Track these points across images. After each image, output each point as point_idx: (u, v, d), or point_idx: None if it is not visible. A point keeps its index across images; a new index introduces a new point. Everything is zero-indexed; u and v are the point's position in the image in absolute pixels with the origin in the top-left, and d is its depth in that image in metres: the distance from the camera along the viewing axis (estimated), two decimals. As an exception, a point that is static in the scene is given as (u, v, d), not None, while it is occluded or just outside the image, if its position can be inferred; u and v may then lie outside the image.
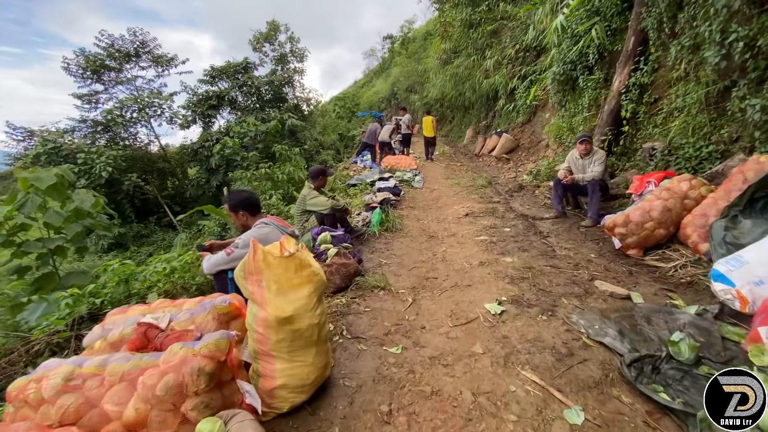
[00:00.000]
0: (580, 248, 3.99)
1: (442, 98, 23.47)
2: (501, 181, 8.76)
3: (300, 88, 20.18)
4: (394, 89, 36.26)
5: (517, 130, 12.06)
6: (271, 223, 2.48)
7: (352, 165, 12.91)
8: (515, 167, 10.29)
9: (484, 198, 6.59)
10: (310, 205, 4.02)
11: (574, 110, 8.41)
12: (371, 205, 5.17)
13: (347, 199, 6.48)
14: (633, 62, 6.36)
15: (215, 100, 16.93)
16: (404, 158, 10.69)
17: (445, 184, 8.28)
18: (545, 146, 10.24)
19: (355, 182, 8.24)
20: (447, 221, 5.31)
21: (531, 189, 7.22)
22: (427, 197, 7.07)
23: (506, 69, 12.91)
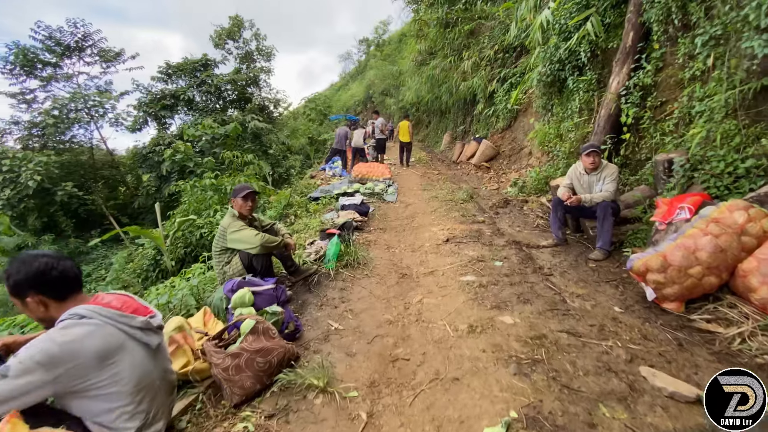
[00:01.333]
0: (596, 295, 3.02)
1: (418, 102, 22.66)
2: (483, 193, 7.84)
3: (267, 88, 18.83)
4: (369, 92, 35.37)
5: (497, 136, 11.26)
6: (101, 312, 1.33)
7: (319, 173, 11.75)
8: (497, 177, 9.43)
9: (467, 216, 5.60)
10: (232, 241, 2.88)
11: (562, 115, 7.61)
12: (328, 231, 4.06)
13: (295, 225, 5.32)
14: (633, 60, 5.57)
15: (169, 100, 15.32)
16: (377, 166, 9.64)
17: (422, 197, 7.26)
18: (528, 154, 9.44)
19: (319, 195, 7.10)
20: (424, 250, 4.26)
21: (518, 204, 6.30)
22: (401, 214, 6.02)
23: (485, 71, 12.12)
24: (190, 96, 15.09)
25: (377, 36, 34.46)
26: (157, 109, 15.20)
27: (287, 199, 6.33)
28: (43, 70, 14.74)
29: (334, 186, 8.61)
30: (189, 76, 15.99)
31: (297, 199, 6.69)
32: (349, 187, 8.00)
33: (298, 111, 22.65)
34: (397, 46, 30.23)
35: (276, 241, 2.91)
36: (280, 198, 6.43)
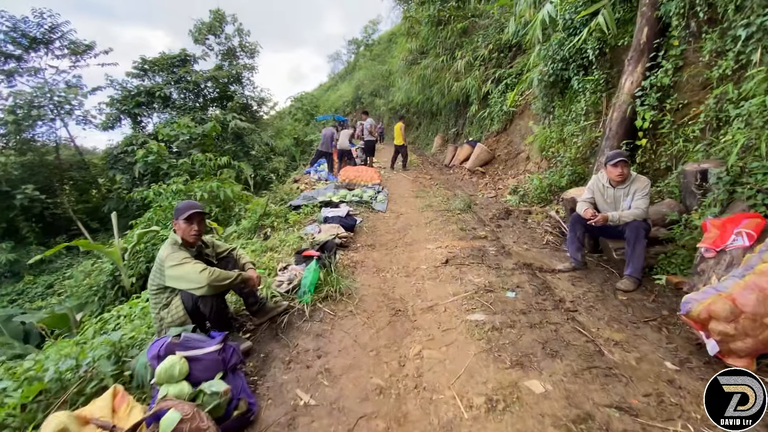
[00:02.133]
0: (637, 342, 2.41)
1: (408, 103, 22.07)
2: (480, 201, 7.24)
3: (250, 86, 17.96)
4: (358, 93, 34.68)
5: (492, 139, 10.71)
6: None
7: (304, 176, 11.01)
8: (492, 183, 8.86)
9: (466, 230, 4.97)
10: (171, 278, 2.17)
11: (564, 118, 7.07)
12: (305, 253, 3.37)
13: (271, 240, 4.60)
14: (648, 58, 5.04)
15: (144, 97, 14.36)
16: (365, 170, 8.98)
17: (415, 206, 6.62)
18: (525, 159, 8.90)
19: (301, 203, 6.38)
20: (420, 274, 3.61)
21: (521, 216, 5.71)
22: (392, 227, 5.35)
23: (479, 71, 11.58)
24: (167, 93, 14.15)
25: (366, 35, 33.81)
26: (131, 107, 14.21)
27: (263, 208, 5.60)
28: (6, 62, 13.64)
29: (318, 192, 7.91)
30: (166, 72, 15.05)
31: (275, 208, 5.97)
32: (334, 194, 7.32)
33: (285, 111, 21.80)
34: (387, 45, 29.65)
35: (230, 278, 2.21)
36: (255, 207, 5.71)
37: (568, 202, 4.12)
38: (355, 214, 5.62)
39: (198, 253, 2.42)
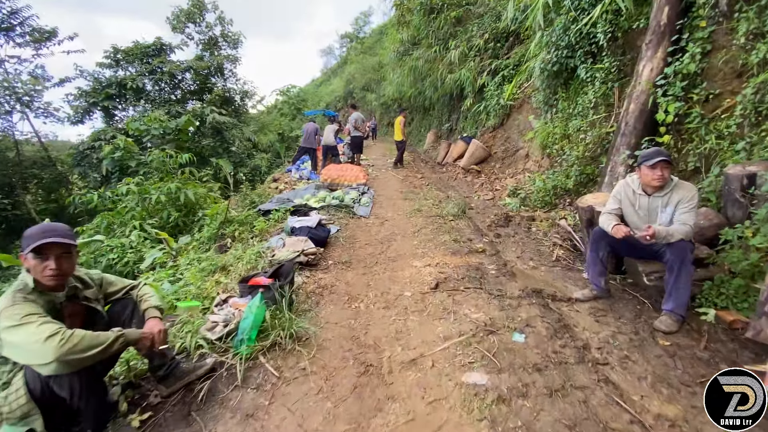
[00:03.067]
0: (700, 424, 1.68)
1: (400, 97, 21.26)
2: (476, 204, 6.50)
3: (233, 78, 16.97)
4: (349, 87, 33.73)
5: (488, 135, 9.98)
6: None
7: (284, 175, 10.19)
8: (489, 183, 8.14)
9: (461, 241, 4.23)
10: (8, 347, 1.40)
11: (569, 111, 6.36)
12: (251, 282, 2.58)
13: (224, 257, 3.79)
14: (669, 42, 4.34)
15: (115, 89, 13.35)
16: (350, 169, 8.19)
17: (402, 210, 5.86)
18: (524, 157, 8.20)
19: (273, 207, 5.58)
20: (402, 304, 2.86)
21: (523, 223, 4.98)
22: (375, 236, 4.59)
23: (473, 62, 10.83)
24: (139, 85, 13.15)
25: (357, 27, 32.85)
26: (100, 99, 13.18)
27: (224, 214, 4.80)
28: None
29: (297, 193, 7.12)
30: (140, 62, 14.04)
31: (240, 214, 5.16)
32: (313, 195, 6.53)
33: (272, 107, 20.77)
34: (378, 38, 28.76)
35: (99, 346, 1.42)
36: (214, 213, 4.91)
37: (584, 211, 3.39)
38: (331, 223, 4.84)
39: (69, 299, 1.64)
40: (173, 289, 3.09)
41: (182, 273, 3.74)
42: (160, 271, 4.00)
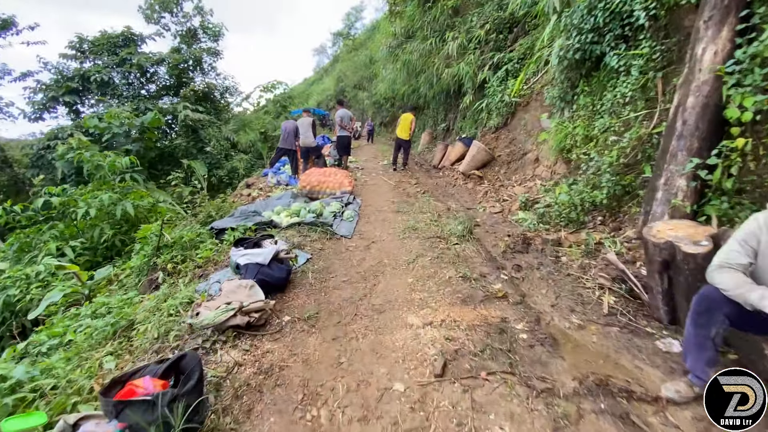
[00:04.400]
0: None
1: (393, 96, 20.16)
2: (482, 218, 5.42)
3: (213, 73, 15.71)
4: (340, 86, 32.52)
5: (490, 136, 8.93)
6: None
7: (260, 180, 9.02)
8: (494, 191, 7.07)
9: (472, 278, 3.13)
10: None
11: (593, 107, 5.32)
12: (122, 394, 1.47)
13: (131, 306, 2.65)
14: (737, 18, 3.34)
15: (78, 82, 12.02)
16: (334, 173, 7.06)
17: (394, 226, 4.75)
18: (534, 161, 7.15)
19: (231, 224, 4.43)
20: (389, 413, 1.74)
21: (547, 248, 3.91)
22: (356, 270, 3.46)
23: (473, 55, 9.78)
24: (105, 78, 11.85)
25: (349, 23, 31.73)
26: (60, 94, 11.85)
27: (157, 237, 3.65)
28: None
29: (268, 203, 5.97)
30: (108, 53, 12.73)
31: (187, 234, 4.00)
32: (285, 207, 5.38)
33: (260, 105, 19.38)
34: (370, 35, 27.65)
35: None
36: (146, 235, 3.77)
37: (659, 248, 2.32)
38: (299, 248, 3.70)
39: None
40: (28, 376, 1.94)
41: (76, 330, 2.58)
42: (51, 325, 2.84)
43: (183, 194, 10.34)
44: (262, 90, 16.02)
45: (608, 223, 4.22)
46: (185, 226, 4.81)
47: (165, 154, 12.41)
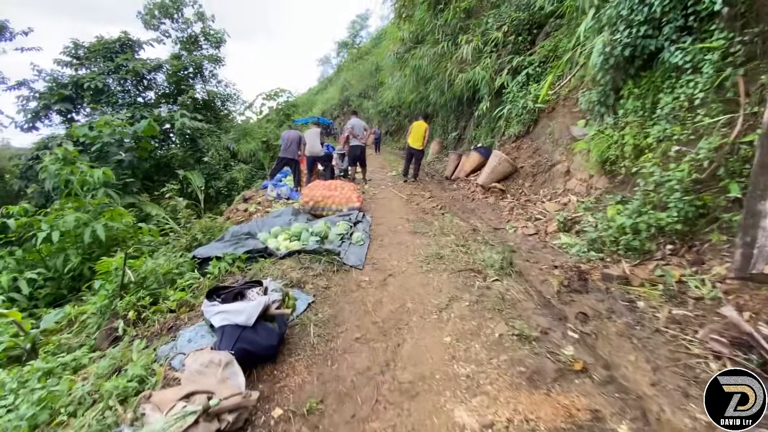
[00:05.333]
0: None
1: (399, 104, 19.54)
2: (515, 240, 4.62)
3: (214, 80, 15.13)
4: (345, 94, 32.05)
5: (510, 146, 8.16)
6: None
7: (257, 193, 8.28)
8: (520, 206, 6.27)
9: (530, 337, 2.32)
10: None
11: (645, 113, 4.55)
12: None
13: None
14: None
15: (71, 89, 11.44)
16: (340, 187, 6.30)
17: (413, 252, 3.96)
18: (564, 174, 6.37)
19: (219, 251, 3.66)
20: None
21: (612, 287, 3.09)
22: (371, 319, 2.66)
23: (490, 59, 9.08)
24: (99, 84, 11.25)
25: (353, 32, 31.39)
26: (51, 102, 11.27)
27: (120, 271, 2.88)
28: None
29: (265, 222, 5.20)
30: (105, 59, 12.18)
31: (163, 266, 3.23)
32: (284, 228, 4.61)
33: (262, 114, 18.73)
34: (376, 42, 27.24)
35: None
36: (107, 269, 3.01)
37: None
38: (297, 287, 2.91)
39: None
40: None
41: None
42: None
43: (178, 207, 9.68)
44: (264, 98, 15.40)
45: (682, 253, 3.40)
46: (168, 251, 4.05)
47: (161, 165, 11.74)
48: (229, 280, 3.18)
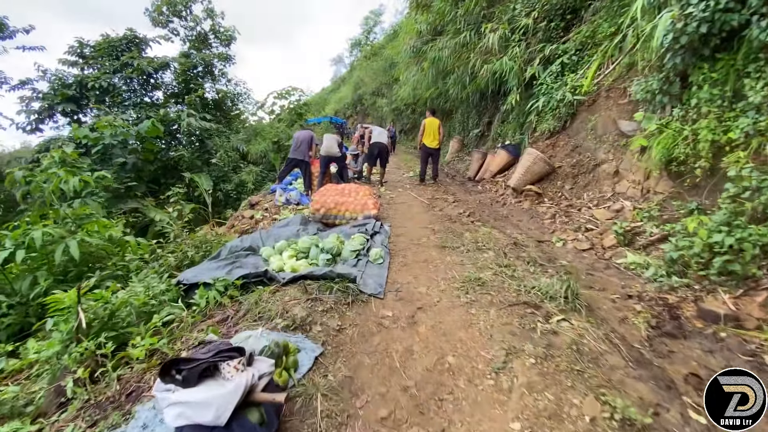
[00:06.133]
0: None
1: (415, 102, 18.75)
2: (564, 256, 3.83)
3: (224, 79, 14.65)
4: (358, 93, 31.39)
5: (543, 143, 7.33)
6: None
7: (267, 197, 7.66)
8: (563, 213, 5.46)
9: (635, 424, 1.56)
10: None
11: (723, 102, 3.73)
12: None
13: None
14: None
15: (75, 89, 11.09)
16: (355, 191, 5.61)
17: (444, 278, 3.23)
18: (611, 175, 5.55)
19: (210, 275, 3.02)
20: None
21: (719, 330, 2.30)
22: (398, 383, 1.93)
23: (519, 48, 8.24)
24: (103, 84, 10.85)
25: (367, 27, 30.71)
26: (54, 102, 10.92)
27: (73, 309, 2.25)
28: None
29: (269, 234, 4.54)
30: (110, 58, 11.81)
31: (138, 297, 2.59)
32: (291, 240, 3.94)
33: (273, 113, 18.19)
34: (390, 38, 26.48)
35: None
36: (62, 304, 2.38)
37: None
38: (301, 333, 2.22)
39: None
40: None
41: None
42: None
43: (184, 212, 9.15)
44: (275, 97, 14.85)
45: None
46: (153, 272, 3.42)
47: (169, 167, 11.27)
48: (199, 347, 2.51)
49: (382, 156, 8.09)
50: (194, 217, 9.76)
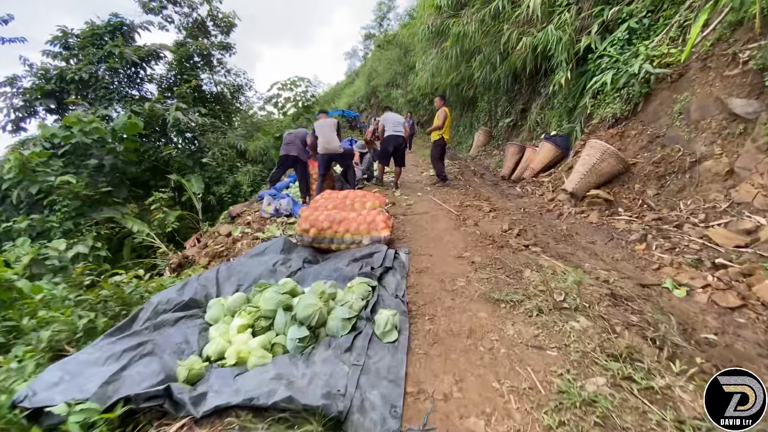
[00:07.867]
0: None
1: (432, 91, 17.03)
2: (696, 317, 2.27)
3: (223, 70, 13.36)
4: (372, 84, 29.77)
5: (604, 133, 5.67)
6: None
7: (255, 205, 6.23)
8: (657, 233, 3.84)
9: None
10: None
11: None
12: None
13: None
14: None
15: (56, 83, 9.97)
16: (359, 200, 4.13)
17: (510, 378, 1.75)
18: (723, 175, 3.89)
19: (59, 399, 1.61)
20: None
21: None
22: None
23: (569, 13, 6.54)
24: (84, 76, 9.67)
25: (381, 13, 29.01)
26: (33, 98, 9.84)
27: None
28: None
29: (232, 270, 3.11)
30: (94, 47, 10.64)
31: None
32: (245, 308, 2.51)
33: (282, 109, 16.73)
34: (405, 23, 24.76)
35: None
36: None
37: None
38: None
39: None
40: None
41: None
42: None
43: (167, 220, 7.88)
44: (279, 88, 13.45)
45: None
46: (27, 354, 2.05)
47: (159, 168, 10.05)
48: None
49: (398, 153, 6.56)
50: (181, 225, 8.51)
